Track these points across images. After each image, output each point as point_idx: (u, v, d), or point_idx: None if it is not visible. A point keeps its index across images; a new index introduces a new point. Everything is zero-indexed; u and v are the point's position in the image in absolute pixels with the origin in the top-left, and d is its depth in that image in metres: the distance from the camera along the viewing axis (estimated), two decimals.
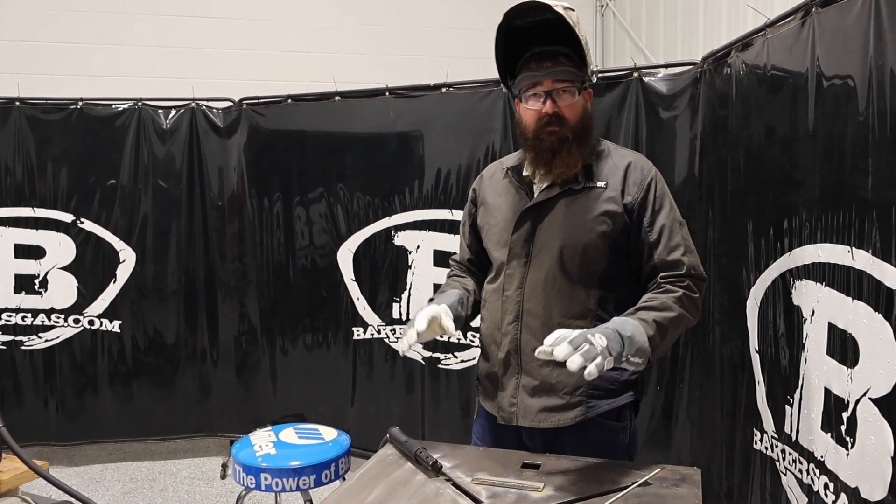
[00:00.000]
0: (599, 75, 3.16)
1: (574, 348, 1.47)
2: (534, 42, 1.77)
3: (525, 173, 1.83)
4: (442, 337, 1.91)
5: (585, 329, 1.54)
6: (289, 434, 2.60)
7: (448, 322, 1.71)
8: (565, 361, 1.46)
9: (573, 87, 1.76)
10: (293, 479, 2.33)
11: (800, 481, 1.95)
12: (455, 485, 1.55)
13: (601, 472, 1.63)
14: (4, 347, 3.94)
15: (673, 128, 2.96)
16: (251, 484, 2.36)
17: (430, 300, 1.92)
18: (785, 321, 2.05)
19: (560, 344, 1.48)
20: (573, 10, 1.73)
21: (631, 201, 1.74)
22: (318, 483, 2.37)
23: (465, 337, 3.51)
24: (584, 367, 1.45)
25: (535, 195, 1.80)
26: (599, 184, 1.76)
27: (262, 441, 2.54)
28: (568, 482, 1.57)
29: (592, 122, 1.83)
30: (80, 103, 3.90)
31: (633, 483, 1.54)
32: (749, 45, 2.33)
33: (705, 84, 2.79)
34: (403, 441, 1.74)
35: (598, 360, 1.46)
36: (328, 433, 2.61)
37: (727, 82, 2.50)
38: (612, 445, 1.77)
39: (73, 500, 1.49)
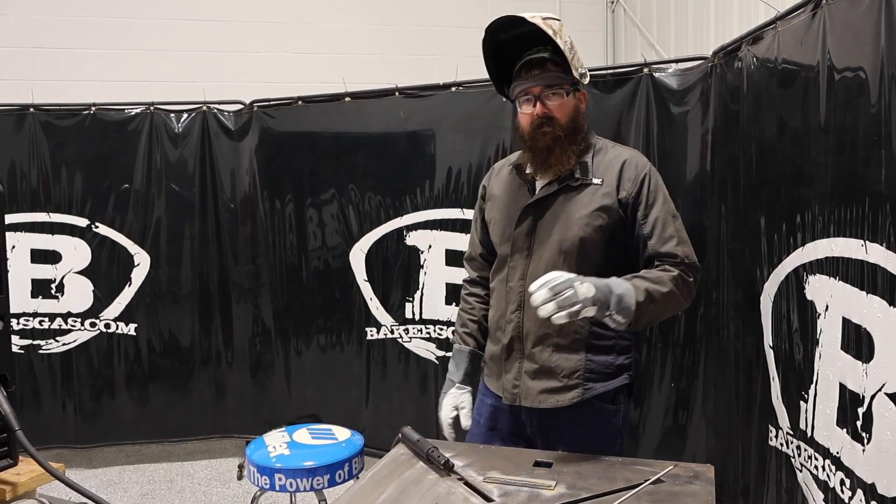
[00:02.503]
0: (609, 72, 3.15)
1: (554, 294, 1.59)
2: (523, 51, 1.90)
3: (528, 171, 1.95)
4: None
5: (578, 276, 1.66)
6: (302, 434, 2.61)
7: (466, 422, 1.99)
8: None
9: (560, 89, 1.88)
10: (307, 479, 2.34)
11: (816, 478, 1.93)
12: (467, 483, 1.55)
13: (613, 469, 1.63)
14: (22, 351, 3.98)
15: (684, 123, 2.94)
16: (265, 484, 2.38)
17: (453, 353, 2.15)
18: (799, 316, 2.03)
19: (541, 290, 1.60)
20: (556, 20, 1.84)
21: (626, 196, 1.85)
22: (332, 483, 2.38)
23: None
24: (554, 314, 1.59)
25: (537, 191, 1.92)
26: (595, 180, 1.88)
27: (276, 442, 2.55)
28: (580, 480, 1.57)
29: (585, 120, 1.95)
30: (93, 108, 3.93)
31: (645, 480, 1.53)
32: (760, 38, 2.31)
33: (716, 78, 2.76)
34: (415, 440, 1.74)
35: (576, 307, 1.60)
36: (341, 433, 2.61)
37: (738, 76, 2.48)
38: (605, 427, 1.90)
39: (89, 502, 1.50)
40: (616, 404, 1.91)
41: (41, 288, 3.97)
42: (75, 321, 4.01)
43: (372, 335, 3.85)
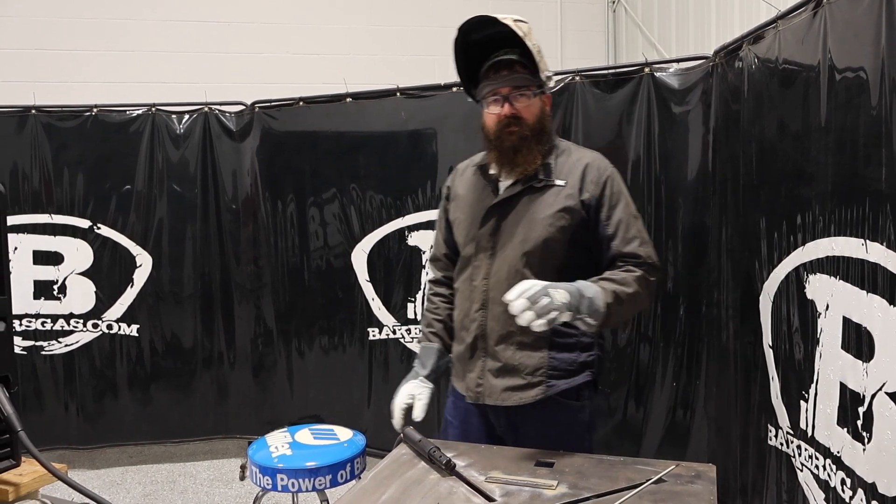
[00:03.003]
0: (610, 71, 3.16)
1: (532, 304, 1.61)
2: (491, 52, 1.91)
3: (492, 171, 1.97)
4: None
5: (550, 283, 1.67)
6: (304, 435, 2.61)
7: (419, 413, 1.94)
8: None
9: (528, 90, 1.90)
10: (309, 479, 2.34)
11: (816, 477, 1.93)
12: (468, 483, 1.55)
13: (615, 469, 1.63)
14: (25, 353, 3.98)
15: (685, 123, 2.94)
16: (267, 485, 2.38)
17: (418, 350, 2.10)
18: (799, 316, 2.03)
19: (519, 299, 1.62)
20: (524, 22, 1.87)
21: (589, 198, 1.88)
22: (334, 483, 2.38)
23: None
24: (533, 321, 1.61)
25: (501, 192, 1.95)
26: (559, 182, 1.90)
27: (277, 442, 2.55)
28: (581, 480, 1.57)
29: (550, 122, 1.98)
30: (95, 110, 3.94)
31: (647, 480, 1.53)
32: (761, 37, 2.31)
33: (717, 78, 2.77)
34: (417, 440, 1.74)
35: (552, 314, 1.62)
36: (343, 433, 2.61)
37: (739, 76, 2.48)
38: (572, 423, 1.94)
39: (91, 502, 1.50)
40: (581, 400, 1.94)
41: (43, 289, 3.98)
42: (77, 322, 4.02)
43: (374, 335, 3.85)
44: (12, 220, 3.87)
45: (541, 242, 1.87)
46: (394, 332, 3.79)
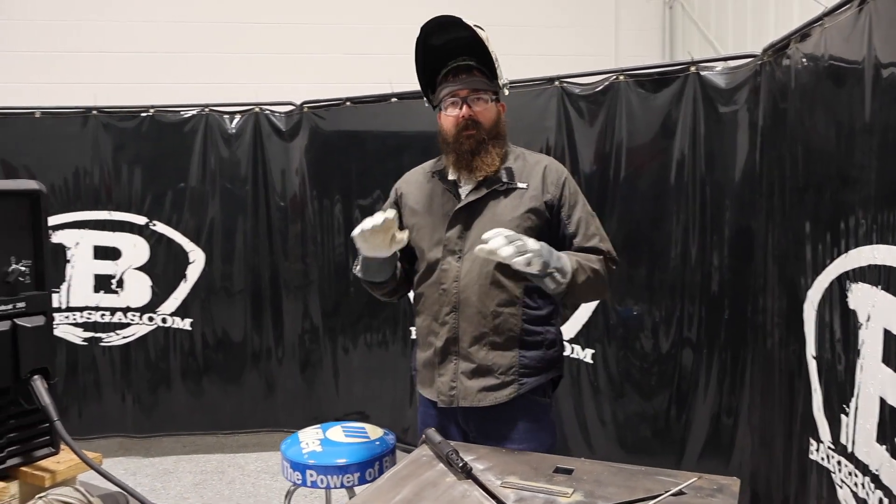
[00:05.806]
0: (656, 70, 3.08)
1: (508, 241, 1.70)
2: (450, 58, 1.96)
3: (451, 177, 1.99)
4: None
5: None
6: (336, 432, 2.65)
7: (401, 235, 1.91)
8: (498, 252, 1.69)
9: (487, 94, 1.95)
10: (338, 476, 2.37)
11: (855, 495, 1.85)
12: (483, 487, 1.54)
13: (634, 478, 1.59)
14: (85, 344, 4.16)
15: (732, 122, 2.85)
16: (297, 480, 2.42)
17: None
18: (841, 326, 1.94)
19: (497, 238, 1.70)
20: (482, 29, 1.90)
21: (550, 199, 1.95)
22: (363, 481, 2.41)
23: None
24: (514, 257, 1.69)
25: (463, 196, 1.97)
26: (521, 184, 1.96)
27: (309, 438, 2.59)
28: (598, 488, 1.54)
29: (506, 128, 2.02)
30: (152, 111, 4.08)
31: (665, 492, 1.49)
32: (807, 35, 2.23)
33: (766, 77, 2.67)
34: (437, 442, 1.74)
35: (528, 255, 1.71)
36: (374, 432, 2.64)
37: (787, 74, 2.39)
38: (543, 419, 1.99)
39: (124, 491, 1.55)
40: (547, 397, 2.01)
41: (102, 283, 4.14)
42: (134, 315, 4.16)
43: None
44: (74, 216, 4.05)
45: None
46: None
